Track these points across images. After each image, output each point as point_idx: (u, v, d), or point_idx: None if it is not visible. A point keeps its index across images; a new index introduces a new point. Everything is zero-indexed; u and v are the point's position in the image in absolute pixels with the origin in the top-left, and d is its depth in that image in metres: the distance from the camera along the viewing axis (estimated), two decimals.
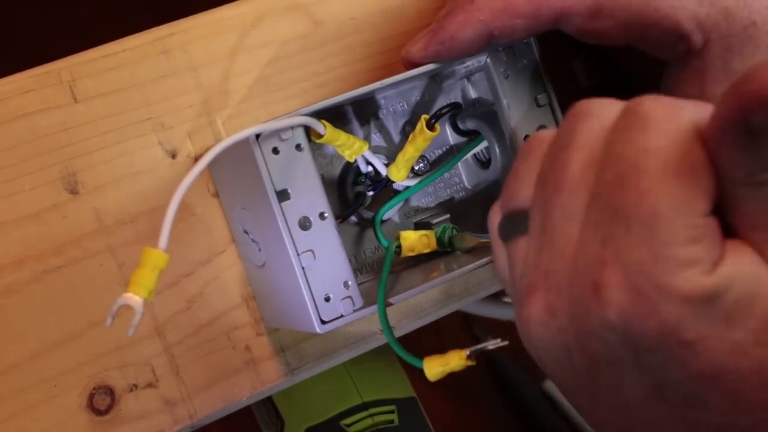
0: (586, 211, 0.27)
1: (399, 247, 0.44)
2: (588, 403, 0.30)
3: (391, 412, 0.76)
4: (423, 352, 0.42)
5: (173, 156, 0.44)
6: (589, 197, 0.27)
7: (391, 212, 0.47)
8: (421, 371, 0.41)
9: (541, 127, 0.45)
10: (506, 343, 0.40)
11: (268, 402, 0.77)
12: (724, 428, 0.25)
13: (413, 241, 0.44)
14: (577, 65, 0.51)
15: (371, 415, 0.75)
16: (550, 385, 1.14)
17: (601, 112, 0.28)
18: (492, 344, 0.40)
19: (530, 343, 0.30)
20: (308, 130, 0.40)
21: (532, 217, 0.30)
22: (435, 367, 0.41)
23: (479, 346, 0.40)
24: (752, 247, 0.25)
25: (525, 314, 0.29)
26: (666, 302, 0.24)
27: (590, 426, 0.31)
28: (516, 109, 0.44)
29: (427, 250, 0.45)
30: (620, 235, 0.25)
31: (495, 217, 0.34)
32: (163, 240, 0.36)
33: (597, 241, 0.26)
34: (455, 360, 0.41)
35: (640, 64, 0.45)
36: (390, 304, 0.41)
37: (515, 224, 0.31)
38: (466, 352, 0.40)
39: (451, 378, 0.42)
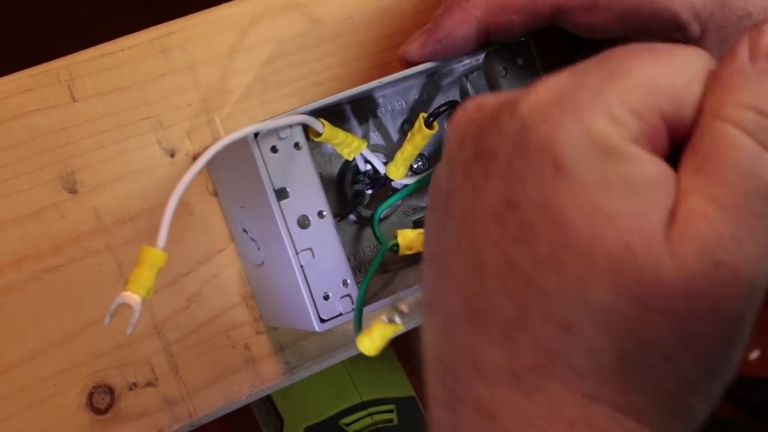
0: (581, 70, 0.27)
1: (397, 245, 0.44)
2: (441, 212, 0.29)
3: (391, 411, 0.76)
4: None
5: (172, 155, 0.44)
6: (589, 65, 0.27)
7: (389, 210, 0.47)
8: (421, 370, 0.41)
9: None
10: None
11: (268, 401, 0.77)
12: (528, 281, 0.25)
13: (411, 239, 0.44)
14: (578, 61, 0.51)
15: (370, 414, 0.75)
16: None
17: None
18: (404, 304, 0.39)
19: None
20: (307, 129, 0.40)
21: None
22: (364, 342, 0.40)
23: (395, 304, 0.39)
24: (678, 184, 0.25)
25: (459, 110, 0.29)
26: (573, 125, 0.24)
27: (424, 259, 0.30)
28: None
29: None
30: (593, 68, 0.25)
31: None
32: (162, 239, 0.36)
33: (572, 71, 0.26)
34: (377, 327, 0.39)
35: None
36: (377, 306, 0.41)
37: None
38: (382, 316, 0.39)
39: None
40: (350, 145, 0.42)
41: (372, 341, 0.40)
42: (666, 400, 0.25)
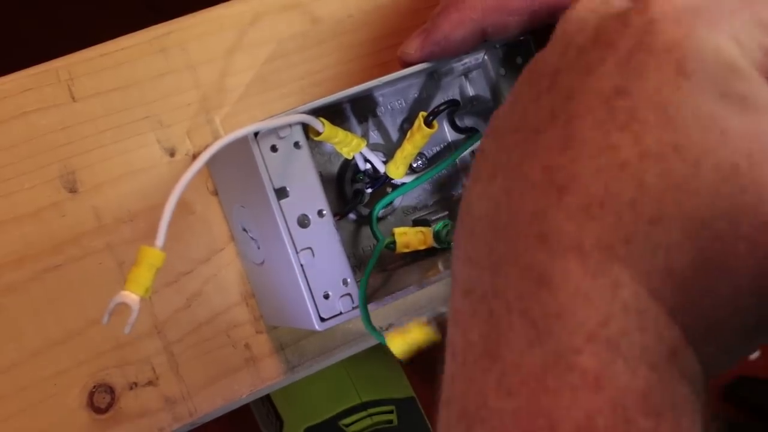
0: None
1: (393, 242, 0.44)
2: (537, 87, 0.29)
3: (390, 412, 0.76)
4: (422, 353, 0.41)
5: (172, 154, 0.44)
6: None
7: (388, 210, 0.47)
8: (420, 371, 0.41)
9: None
10: None
11: (267, 402, 0.77)
12: (624, 166, 0.25)
13: (408, 237, 0.44)
14: None
15: (370, 415, 0.75)
16: None
17: None
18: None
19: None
20: (306, 128, 0.40)
21: None
22: (396, 340, 0.40)
23: (438, 312, 0.40)
24: None
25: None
26: (704, 33, 0.25)
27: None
28: None
29: (422, 247, 0.45)
30: None
31: None
32: (160, 238, 0.36)
33: None
34: (416, 330, 0.40)
35: None
36: (378, 305, 0.41)
37: None
38: (424, 318, 0.40)
39: None
40: (350, 144, 0.42)
41: (405, 342, 0.40)
42: (714, 327, 0.25)
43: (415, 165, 0.47)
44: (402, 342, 0.40)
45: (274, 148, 0.39)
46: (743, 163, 0.24)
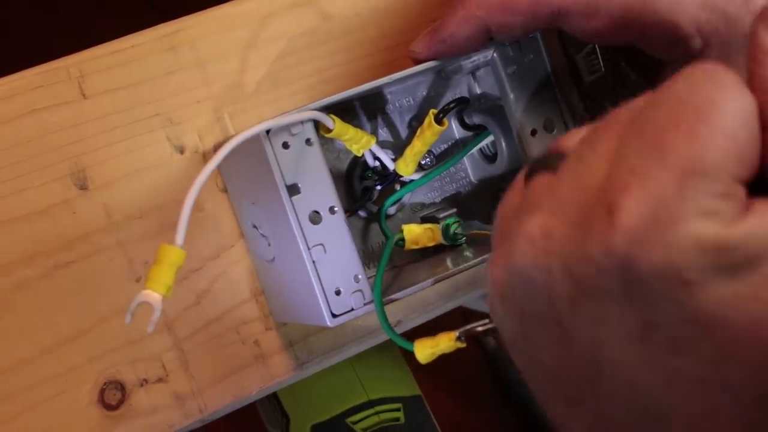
0: (626, 146, 0.25)
1: (402, 239, 0.44)
2: (548, 347, 0.28)
3: (398, 410, 0.76)
4: None
5: (181, 152, 0.44)
6: (634, 135, 0.25)
7: (398, 207, 0.47)
8: (427, 369, 0.42)
9: (548, 120, 0.45)
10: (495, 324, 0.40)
11: (274, 399, 0.77)
12: (704, 380, 0.25)
13: (417, 234, 0.44)
14: (579, 60, 0.52)
15: (377, 413, 0.75)
16: None
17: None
18: (481, 325, 0.40)
19: (501, 275, 0.28)
20: (317, 125, 0.40)
21: (569, 155, 0.28)
22: (425, 349, 0.41)
23: (468, 327, 0.40)
24: None
25: (515, 234, 0.27)
26: (678, 240, 0.23)
27: (533, 388, 0.30)
28: (522, 104, 0.44)
29: (431, 244, 0.45)
30: (654, 168, 0.24)
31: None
32: (180, 236, 0.36)
33: (626, 170, 0.25)
34: (445, 341, 0.41)
35: (641, 62, 0.45)
36: (388, 301, 0.41)
37: (546, 161, 0.29)
38: (456, 333, 0.40)
39: (456, 377, 0.42)
40: (359, 141, 0.42)
41: (433, 352, 0.40)
42: None
43: (423, 162, 0.47)
44: (430, 353, 0.41)
45: (285, 145, 0.39)
46: None
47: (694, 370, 0.24)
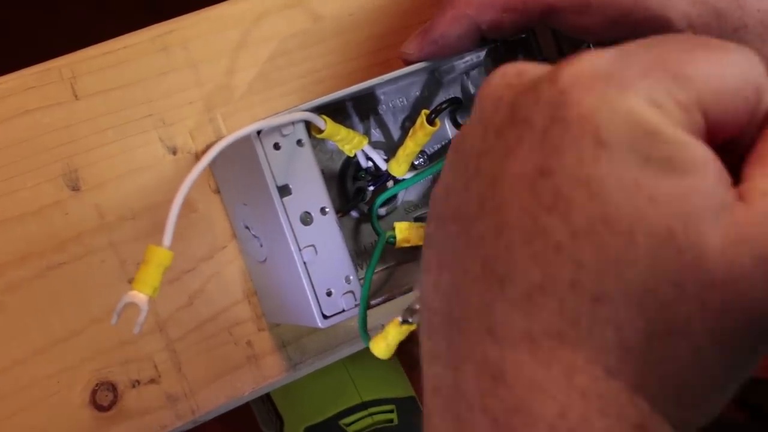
0: (633, 45, 0.26)
1: (394, 237, 0.44)
2: (464, 170, 0.28)
3: (391, 411, 0.76)
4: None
5: (174, 152, 0.44)
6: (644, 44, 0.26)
7: (390, 207, 0.47)
8: (421, 370, 0.41)
9: None
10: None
11: (268, 401, 0.77)
12: (559, 249, 0.24)
13: (409, 232, 0.44)
14: None
15: (371, 415, 0.75)
16: None
17: None
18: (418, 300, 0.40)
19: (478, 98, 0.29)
20: (309, 126, 0.40)
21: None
22: (379, 344, 0.41)
23: (411, 305, 0.40)
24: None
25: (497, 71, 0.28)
26: (615, 101, 0.24)
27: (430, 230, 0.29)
28: None
29: (422, 242, 0.45)
30: (643, 51, 0.25)
31: None
32: (167, 238, 0.36)
33: (624, 50, 0.25)
34: (392, 330, 0.40)
35: None
36: (381, 302, 0.41)
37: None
38: (398, 318, 0.40)
39: None
40: (351, 141, 0.42)
41: (387, 345, 0.40)
42: (683, 390, 0.25)
43: (416, 163, 0.47)
44: (385, 346, 0.41)
45: (276, 146, 0.39)
46: (677, 225, 0.23)
47: (555, 235, 0.24)
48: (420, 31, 0.42)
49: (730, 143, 0.26)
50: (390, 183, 0.46)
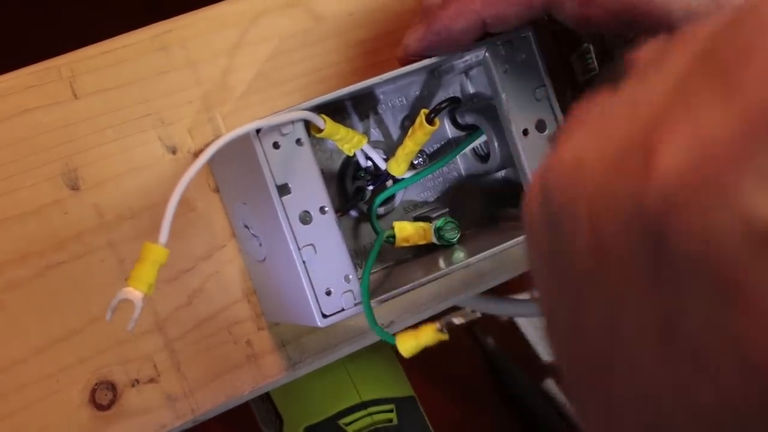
0: (691, 71, 0.19)
1: (393, 236, 0.44)
2: (563, 311, 0.23)
3: (390, 411, 0.76)
4: (421, 351, 0.42)
5: (173, 152, 0.44)
6: (702, 57, 0.19)
7: (390, 207, 0.47)
8: (423, 369, 0.41)
9: (540, 121, 0.45)
10: (478, 315, 0.39)
11: (267, 400, 0.77)
12: (717, 417, 0.18)
13: (408, 231, 0.44)
14: (573, 60, 0.52)
15: (370, 414, 0.75)
16: (549, 385, 1.15)
17: None
18: (462, 315, 0.40)
19: (536, 199, 0.23)
20: (308, 125, 0.40)
21: (634, 71, 0.22)
22: (409, 341, 0.40)
23: (450, 318, 0.40)
24: None
25: (548, 160, 0.22)
26: (723, 213, 0.17)
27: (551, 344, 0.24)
28: (514, 104, 0.44)
29: (422, 242, 0.45)
30: (711, 105, 0.18)
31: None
32: (163, 235, 0.36)
33: (680, 102, 0.19)
34: (427, 333, 0.40)
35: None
36: (380, 301, 0.41)
37: (615, 71, 0.24)
38: (437, 325, 0.40)
39: (454, 378, 0.41)
40: (351, 141, 0.42)
41: (417, 345, 0.40)
42: None
43: (416, 162, 0.47)
44: (414, 345, 0.40)
45: (276, 145, 0.39)
46: None
47: (706, 398, 0.18)
48: (423, 21, 0.42)
49: None
50: (389, 182, 0.46)
